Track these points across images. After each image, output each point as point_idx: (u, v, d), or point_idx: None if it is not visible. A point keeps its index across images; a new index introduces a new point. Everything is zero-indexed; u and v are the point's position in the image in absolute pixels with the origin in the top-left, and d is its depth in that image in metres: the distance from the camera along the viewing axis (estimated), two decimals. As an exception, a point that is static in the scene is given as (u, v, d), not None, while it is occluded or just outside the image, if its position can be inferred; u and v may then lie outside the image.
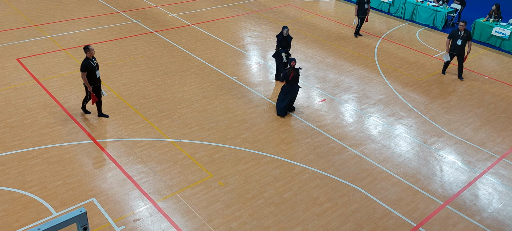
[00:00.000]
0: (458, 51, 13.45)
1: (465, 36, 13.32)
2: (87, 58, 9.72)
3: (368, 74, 13.73)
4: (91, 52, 9.73)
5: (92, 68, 9.75)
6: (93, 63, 9.80)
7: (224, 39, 15.71)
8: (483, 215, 8.43)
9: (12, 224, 7.49)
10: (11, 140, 9.61)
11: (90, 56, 9.73)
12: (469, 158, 10.05)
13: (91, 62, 9.75)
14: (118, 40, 15.00)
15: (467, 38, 13.35)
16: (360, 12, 16.27)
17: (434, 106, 12.11)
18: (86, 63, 9.67)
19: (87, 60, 9.71)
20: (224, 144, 9.91)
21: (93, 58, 9.84)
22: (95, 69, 9.81)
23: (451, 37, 13.48)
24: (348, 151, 9.95)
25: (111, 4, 18.58)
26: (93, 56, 9.86)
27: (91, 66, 9.73)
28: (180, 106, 11.25)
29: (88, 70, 9.70)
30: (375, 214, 8.24)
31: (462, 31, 13.31)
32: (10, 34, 14.96)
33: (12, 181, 8.43)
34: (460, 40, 13.30)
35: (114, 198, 8.17)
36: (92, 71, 9.76)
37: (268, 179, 8.92)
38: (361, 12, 16.26)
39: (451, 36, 13.48)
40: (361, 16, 16.37)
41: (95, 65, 9.83)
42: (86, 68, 9.68)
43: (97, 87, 10.08)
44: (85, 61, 9.69)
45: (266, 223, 7.84)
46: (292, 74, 10.64)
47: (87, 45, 9.74)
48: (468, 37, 13.35)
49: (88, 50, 9.71)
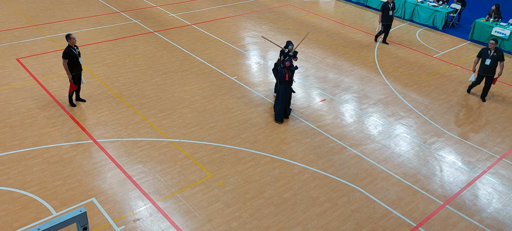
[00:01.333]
0: (487, 72, 12.18)
1: (495, 56, 12.06)
2: (69, 46, 10.07)
3: (368, 74, 13.73)
4: (73, 41, 10.07)
5: (74, 56, 10.10)
6: (75, 51, 10.15)
7: (224, 39, 15.71)
8: (483, 215, 8.43)
9: (12, 224, 7.49)
10: (11, 139, 9.61)
11: (72, 44, 10.08)
12: (469, 158, 10.05)
13: (73, 50, 10.10)
14: (118, 40, 15.00)
15: (499, 58, 12.07)
16: (385, 19, 15.52)
17: (434, 106, 12.11)
18: (68, 51, 10.04)
19: (69, 48, 10.06)
20: (224, 144, 9.91)
21: (75, 46, 10.19)
22: (77, 57, 10.18)
23: (480, 56, 12.27)
24: (348, 151, 9.95)
25: (111, 4, 18.58)
26: (75, 45, 10.21)
27: (72, 54, 10.07)
28: (180, 106, 11.25)
29: (69, 58, 10.06)
30: (375, 214, 8.24)
31: (493, 50, 12.10)
32: (10, 34, 14.96)
33: (12, 181, 8.43)
34: (489, 60, 12.09)
35: (114, 198, 8.17)
36: (74, 59, 10.13)
37: (268, 179, 8.92)
38: (385, 18, 15.51)
39: (480, 55, 12.27)
40: (385, 23, 15.63)
41: (76, 53, 10.19)
42: (67, 56, 10.04)
43: (78, 75, 10.49)
44: (67, 49, 10.05)
45: (266, 223, 7.84)
46: (287, 74, 10.46)
47: (69, 34, 10.09)
48: (499, 58, 12.06)
49: (69, 38, 10.04)
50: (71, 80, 10.30)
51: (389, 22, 15.65)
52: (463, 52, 16.08)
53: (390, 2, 15.31)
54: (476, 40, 17.20)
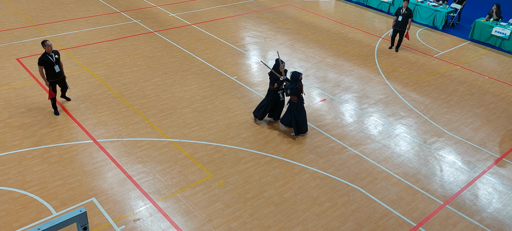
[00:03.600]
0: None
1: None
2: (45, 53, 9.92)
3: (368, 74, 13.73)
4: (49, 48, 9.87)
5: (50, 63, 9.96)
6: (52, 58, 9.98)
7: (224, 39, 15.71)
8: (483, 214, 8.43)
9: (12, 224, 7.49)
10: (11, 139, 9.61)
11: (49, 51, 9.91)
12: (469, 158, 10.04)
13: (50, 58, 9.94)
14: (118, 40, 15.00)
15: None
16: (395, 24, 15.14)
17: (434, 106, 12.11)
18: (43, 58, 9.91)
19: (45, 55, 9.93)
20: (224, 143, 9.91)
21: (52, 53, 10.02)
22: (53, 64, 10.01)
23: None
24: (348, 151, 9.95)
25: (111, 4, 18.58)
26: (53, 51, 10.07)
27: (48, 61, 9.94)
28: (180, 106, 11.25)
29: (44, 64, 9.95)
30: (375, 213, 8.24)
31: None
32: (10, 34, 14.96)
33: (12, 180, 8.43)
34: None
35: (114, 198, 8.17)
36: (49, 66, 9.98)
37: (268, 178, 8.92)
38: (395, 24, 15.14)
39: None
40: (395, 28, 15.20)
41: (53, 60, 10.00)
42: (42, 62, 9.93)
43: (60, 81, 10.35)
44: (42, 56, 9.92)
45: (266, 223, 7.84)
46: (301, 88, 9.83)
47: (44, 40, 9.89)
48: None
49: (45, 45, 9.87)
50: (49, 87, 10.13)
51: (396, 27, 15.10)
52: (463, 52, 16.08)
53: (403, 8, 14.86)
54: (476, 40, 17.20)
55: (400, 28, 15.10)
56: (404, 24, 14.96)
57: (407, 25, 14.96)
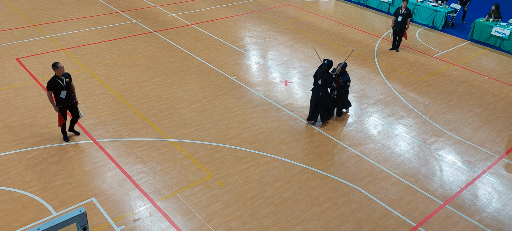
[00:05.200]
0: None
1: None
2: (55, 77, 8.93)
3: (367, 74, 13.73)
4: (60, 71, 8.86)
5: (59, 87, 8.94)
6: (62, 82, 8.96)
7: (224, 39, 15.71)
8: (482, 214, 8.44)
9: (12, 224, 7.49)
10: (11, 139, 9.61)
11: (59, 74, 8.90)
12: (468, 158, 10.05)
13: (59, 81, 8.93)
14: (117, 40, 15.00)
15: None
16: (395, 25, 15.14)
17: (433, 106, 12.11)
18: (52, 82, 8.90)
19: (54, 78, 8.92)
20: (224, 143, 9.91)
21: (63, 76, 8.99)
22: (62, 88, 8.97)
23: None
24: (348, 151, 9.96)
25: (111, 4, 18.58)
26: (65, 73, 9.05)
27: (58, 85, 8.92)
28: (180, 106, 11.25)
29: (53, 89, 8.95)
30: (374, 213, 8.24)
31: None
32: (10, 34, 14.96)
33: (12, 181, 8.43)
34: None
35: (114, 198, 8.17)
36: (59, 91, 8.98)
37: (267, 178, 8.92)
38: (395, 24, 15.13)
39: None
40: (395, 29, 15.22)
41: (63, 84, 8.97)
42: (51, 86, 8.93)
43: (70, 107, 9.32)
44: (51, 80, 8.93)
45: (265, 222, 7.85)
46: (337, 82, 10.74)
47: (56, 63, 8.88)
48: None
49: (56, 68, 8.86)
50: (59, 113, 9.17)
51: (396, 27, 15.09)
52: (463, 52, 16.09)
53: (402, 8, 14.86)
54: (476, 40, 17.20)
55: (400, 28, 15.11)
56: (403, 24, 14.96)
57: (406, 25, 14.96)
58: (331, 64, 10.29)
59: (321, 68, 10.34)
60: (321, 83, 10.38)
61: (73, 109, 9.41)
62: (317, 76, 10.43)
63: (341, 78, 10.62)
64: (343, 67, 10.61)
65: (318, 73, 10.41)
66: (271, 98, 11.91)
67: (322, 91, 10.42)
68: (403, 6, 14.87)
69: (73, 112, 9.45)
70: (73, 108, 9.39)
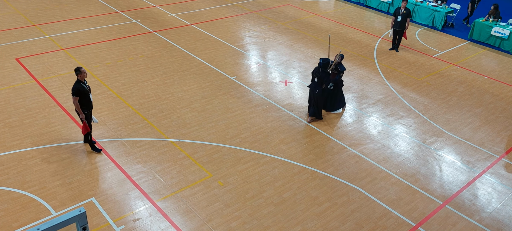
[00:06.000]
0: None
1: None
2: (78, 81, 8.62)
3: (367, 74, 13.73)
4: (83, 75, 8.64)
5: (85, 92, 8.66)
6: (85, 86, 8.73)
7: (224, 39, 15.72)
8: (482, 214, 8.44)
9: (12, 224, 7.49)
10: (11, 139, 9.61)
11: (82, 79, 8.65)
12: (468, 158, 10.05)
13: (84, 85, 8.67)
14: (117, 40, 15.00)
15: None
16: (394, 24, 15.13)
17: (433, 106, 12.12)
18: (78, 86, 8.56)
19: (79, 83, 8.61)
20: (224, 143, 9.91)
21: (84, 80, 8.79)
22: (88, 92, 8.75)
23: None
24: (348, 151, 9.96)
25: (110, 4, 18.57)
26: (85, 79, 8.83)
27: (83, 90, 8.62)
28: (180, 106, 11.25)
29: (80, 94, 8.60)
30: (374, 213, 8.25)
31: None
32: (10, 34, 14.96)
33: (12, 181, 8.43)
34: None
35: (114, 198, 8.17)
36: (85, 95, 8.67)
37: (267, 178, 8.92)
38: (394, 24, 15.12)
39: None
40: (395, 28, 15.21)
41: (87, 88, 8.77)
42: (78, 92, 8.54)
43: (88, 113, 8.99)
44: (77, 84, 8.57)
45: (265, 222, 7.85)
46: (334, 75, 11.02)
47: (79, 67, 8.65)
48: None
49: (79, 72, 8.60)
50: (84, 120, 8.80)
51: (396, 27, 15.09)
52: (462, 52, 16.10)
53: (401, 8, 14.87)
54: (475, 40, 17.21)
55: (400, 28, 15.12)
56: (403, 24, 14.97)
57: (406, 25, 14.98)
58: (326, 64, 10.54)
59: (318, 67, 10.64)
60: (317, 81, 10.60)
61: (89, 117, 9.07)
62: (314, 74, 10.70)
63: (339, 68, 10.92)
64: (341, 58, 10.94)
65: (316, 72, 10.66)
66: (270, 98, 11.92)
67: (318, 89, 10.63)
68: (403, 6, 14.86)
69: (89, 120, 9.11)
70: (90, 115, 9.05)
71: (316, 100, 10.75)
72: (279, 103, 11.69)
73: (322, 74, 10.53)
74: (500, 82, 13.86)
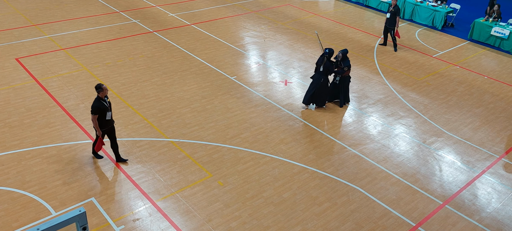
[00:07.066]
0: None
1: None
2: (98, 99, 8.26)
3: (367, 74, 13.73)
4: (105, 92, 8.27)
5: (105, 109, 8.32)
6: (106, 103, 8.37)
7: (224, 39, 15.71)
8: (482, 214, 8.44)
9: (12, 224, 7.49)
10: (11, 139, 9.61)
11: (103, 96, 8.28)
12: (468, 158, 10.05)
13: (104, 103, 8.32)
14: (117, 40, 14.99)
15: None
16: (386, 21, 15.45)
17: (433, 106, 12.12)
18: (98, 105, 8.22)
19: (99, 100, 8.25)
20: (224, 143, 9.91)
21: (105, 97, 8.38)
22: (107, 110, 8.38)
23: None
24: (348, 151, 9.96)
25: (110, 4, 18.57)
26: (106, 95, 8.42)
27: (103, 107, 8.29)
28: (180, 106, 11.25)
29: (99, 113, 8.29)
30: (374, 213, 8.25)
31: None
32: (10, 34, 14.95)
33: (12, 180, 8.43)
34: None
35: (114, 197, 8.17)
36: (104, 113, 8.34)
37: (267, 178, 8.92)
38: (386, 21, 15.46)
39: None
40: (385, 25, 15.49)
41: (107, 105, 8.41)
42: (97, 110, 8.22)
43: (109, 129, 8.67)
44: (96, 102, 8.23)
45: (265, 222, 7.85)
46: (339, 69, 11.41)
47: (100, 84, 8.26)
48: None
49: (101, 90, 8.22)
50: (100, 137, 8.53)
51: (386, 24, 15.39)
52: (462, 52, 16.10)
53: (391, 5, 15.13)
54: (475, 40, 17.21)
55: (389, 26, 15.45)
56: (392, 21, 15.30)
57: (395, 23, 15.26)
58: (332, 53, 10.99)
59: (323, 56, 10.92)
60: (322, 71, 10.97)
61: (111, 131, 8.74)
62: (319, 64, 11.03)
63: (342, 64, 11.24)
64: (344, 53, 11.21)
65: (320, 61, 11.00)
66: (270, 98, 11.92)
67: (323, 78, 11.00)
68: (392, 4, 15.20)
69: (112, 135, 8.76)
70: (112, 129, 8.74)
71: (321, 89, 11.10)
72: (279, 103, 11.69)
73: (328, 63, 10.90)
74: (500, 82, 13.86)
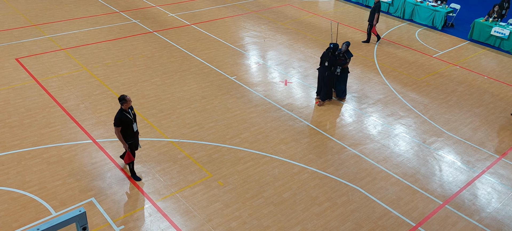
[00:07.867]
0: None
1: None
2: (121, 110, 7.95)
3: (367, 74, 13.74)
4: (128, 103, 7.94)
5: (128, 122, 8.02)
6: (130, 115, 8.06)
7: (224, 39, 15.72)
8: (482, 214, 8.44)
9: (12, 224, 7.49)
10: (11, 139, 9.61)
11: (126, 108, 7.98)
12: (468, 158, 10.06)
13: (127, 115, 8.01)
14: (117, 40, 15.00)
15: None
16: None
17: (433, 106, 12.12)
18: (120, 116, 7.91)
19: (121, 112, 7.94)
20: (224, 143, 9.91)
21: (129, 109, 8.09)
22: (131, 122, 8.08)
23: None
24: (347, 151, 9.96)
25: (110, 4, 18.57)
26: (130, 107, 8.11)
27: (127, 120, 7.99)
28: (180, 106, 11.25)
29: (122, 125, 7.97)
30: (374, 213, 8.25)
31: None
32: (9, 34, 14.96)
33: (12, 181, 8.43)
34: None
35: (114, 197, 8.17)
36: (128, 125, 8.05)
37: (267, 178, 8.93)
38: None
39: None
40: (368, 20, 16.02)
41: (132, 117, 8.10)
42: (120, 122, 7.91)
43: (135, 143, 8.38)
44: (119, 114, 7.92)
45: (265, 222, 7.85)
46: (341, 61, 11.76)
47: (124, 96, 7.91)
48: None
49: (125, 101, 7.89)
50: (128, 150, 8.20)
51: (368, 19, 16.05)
52: (462, 52, 16.10)
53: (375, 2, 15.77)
54: (475, 40, 17.21)
55: (369, 21, 15.98)
56: (371, 17, 15.78)
57: (374, 19, 15.68)
58: (336, 47, 11.37)
59: (328, 51, 11.38)
60: (327, 65, 11.31)
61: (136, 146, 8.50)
62: (324, 58, 11.42)
63: (346, 56, 11.71)
64: (347, 46, 11.75)
65: (325, 56, 11.39)
66: (270, 98, 11.92)
67: (328, 72, 11.34)
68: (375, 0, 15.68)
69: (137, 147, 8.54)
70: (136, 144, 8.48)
71: (326, 83, 11.47)
72: (279, 103, 11.70)
73: (332, 58, 11.23)
74: (500, 82, 13.87)
